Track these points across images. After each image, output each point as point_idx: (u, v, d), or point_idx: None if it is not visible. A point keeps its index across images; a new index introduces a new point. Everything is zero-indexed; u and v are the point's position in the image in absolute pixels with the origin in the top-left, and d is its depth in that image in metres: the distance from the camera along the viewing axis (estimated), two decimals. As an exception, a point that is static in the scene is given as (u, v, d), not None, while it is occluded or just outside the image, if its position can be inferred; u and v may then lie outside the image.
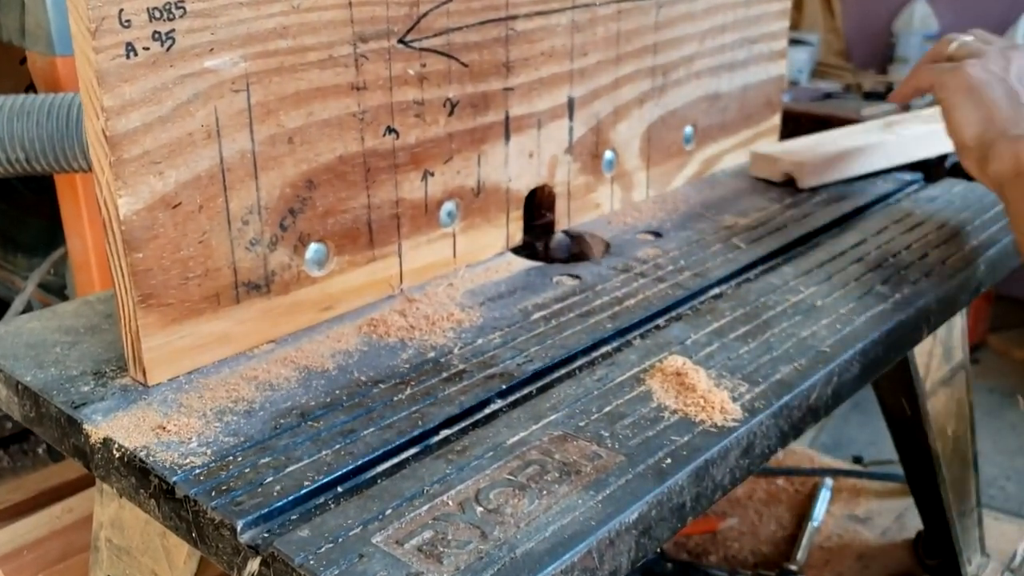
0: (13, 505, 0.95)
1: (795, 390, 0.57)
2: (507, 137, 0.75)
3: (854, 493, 1.14)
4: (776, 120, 1.04)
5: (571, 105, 0.80)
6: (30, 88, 1.11)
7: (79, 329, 0.65)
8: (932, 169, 0.96)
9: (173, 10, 0.53)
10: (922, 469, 0.95)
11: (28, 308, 1.23)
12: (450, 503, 0.47)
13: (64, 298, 1.22)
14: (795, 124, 1.08)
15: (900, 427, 0.96)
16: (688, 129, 0.92)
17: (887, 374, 0.91)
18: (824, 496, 1.12)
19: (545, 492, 0.47)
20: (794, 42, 3.08)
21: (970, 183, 0.93)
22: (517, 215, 0.78)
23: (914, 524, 1.08)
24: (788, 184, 0.93)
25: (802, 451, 1.24)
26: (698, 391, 0.55)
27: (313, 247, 0.64)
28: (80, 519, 0.94)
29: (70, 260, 1.15)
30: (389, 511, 0.46)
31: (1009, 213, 0.70)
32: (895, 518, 1.10)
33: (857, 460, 1.30)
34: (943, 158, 0.96)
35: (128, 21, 0.51)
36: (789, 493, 1.14)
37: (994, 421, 2.68)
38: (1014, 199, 0.69)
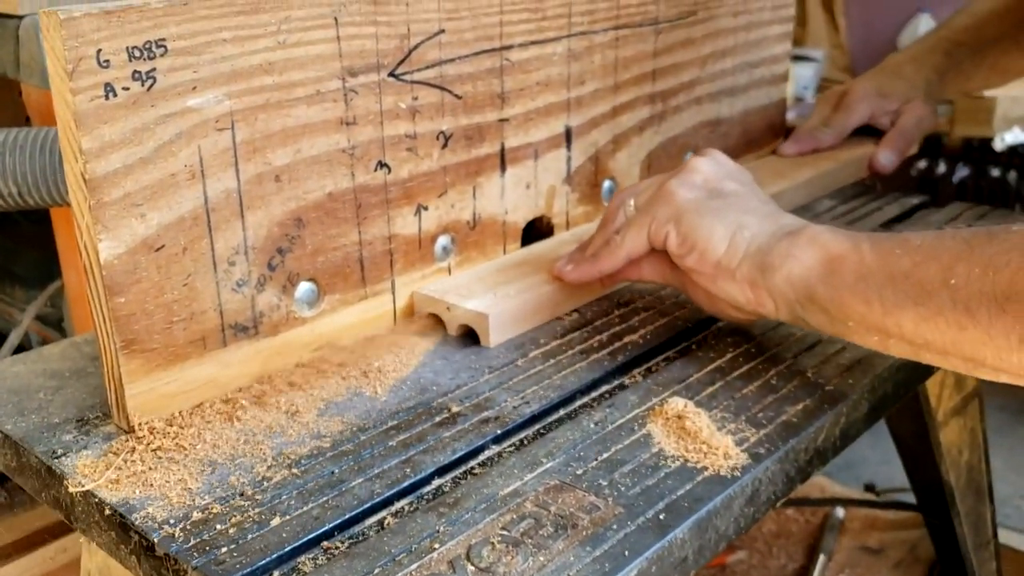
0: (7, 545, 0.94)
1: (801, 433, 0.55)
2: (503, 169, 0.73)
3: (867, 523, 1.12)
4: (779, 144, 1.02)
5: (568, 135, 0.78)
6: (29, 120, 1.10)
7: (64, 373, 0.63)
8: (939, 192, 0.94)
9: (154, 49, 0.51)
10: (935, 500, 0.92)
11: (25, 340, 1.22)
12: (440, 561, 0.45)
13: (62, 331, 1.21)
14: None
15: (912, 457, 0.93)
16: (689, 155, 0.90)
17: (898, 404, 0.89)
18: (835, 527, 1.10)
19: (540, 548, 0.45)
20: (799, 58, 3.07)
21: (977, 206, 0.91)
22: (514, 247, 0.76)
23: (929, 555, 1.06)
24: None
25: (812, 480, 1.21)
26: (700, 436, 0.53)
27: (303, 286, 0.62)
28: (74, 559, 0.92)
29: (66, 293, 1.14)
30: (376, 570, 0.44)
31: (832, 315, 0.56)
32: (909, 549, 1.07)
33: (870, 488, 1.28)
34: (949, 176, 0.94)
35: (107, 61, 0.50)
36: (800, 524, 1.12)
37: (1006, 439, 2.65)
38: (832, 294, 0.55)
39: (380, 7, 0.61)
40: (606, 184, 0.83)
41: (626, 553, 0.45)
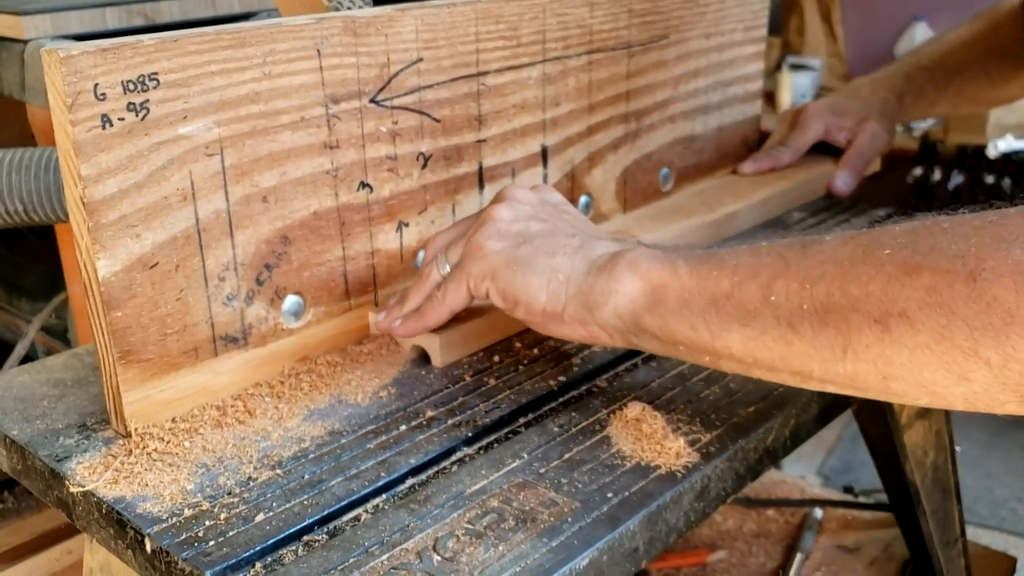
0: (12, 548, 0.98)
1: (751, 433, 0.59)
2: (481, 186, 0.78)
3: (844, 523, 1.15)
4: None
5: (545, 153, 0.82)
6: (34, 139, 1.15)
7: (67, 382, 0.67)
8: (934, 198, 0.97)
9: (147, 82, 0.56)
10: (904, 500, 0.96)
11: (32, 352, 1.26)
12: (409, 552, 0.49)
13: (67, 342, 1.25)
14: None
15: (882, 458, 0.97)
16: (664, 171, 0.95)
17: (865, 406, 0.92)
18: (813, 527, 1.13)
19: (500, 540, 0.49)
20: (797, 67, 3.12)
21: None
22: (494, 261, 0.80)
23: (903, 554, 1.09)
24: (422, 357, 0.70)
25: (793, 481, 1.25)
26: (655, 438, 0.57)
27: (289, 300, 0.66)
28: (78, 560, 0.96)
29: (71, 305, 1.18)
30: (350, 561, 0.48)
31: (663, 341, 0.56)
32: (883, 548, 1.11)
33: (848, 489, 1.32)
34: (944, 183, 0.97)
35: (103, 94, 0.54)
36: (779, 524, 1.15)
37: (1004, 442, 2.68)
38: (659, 322, 0.55)
39: (360, 38, 0.66)
40: (582, 200, 0.87)
41: (580, 544, 0.49)
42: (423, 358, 0.69)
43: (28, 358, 1.23)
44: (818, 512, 1.16)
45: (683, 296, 0.54)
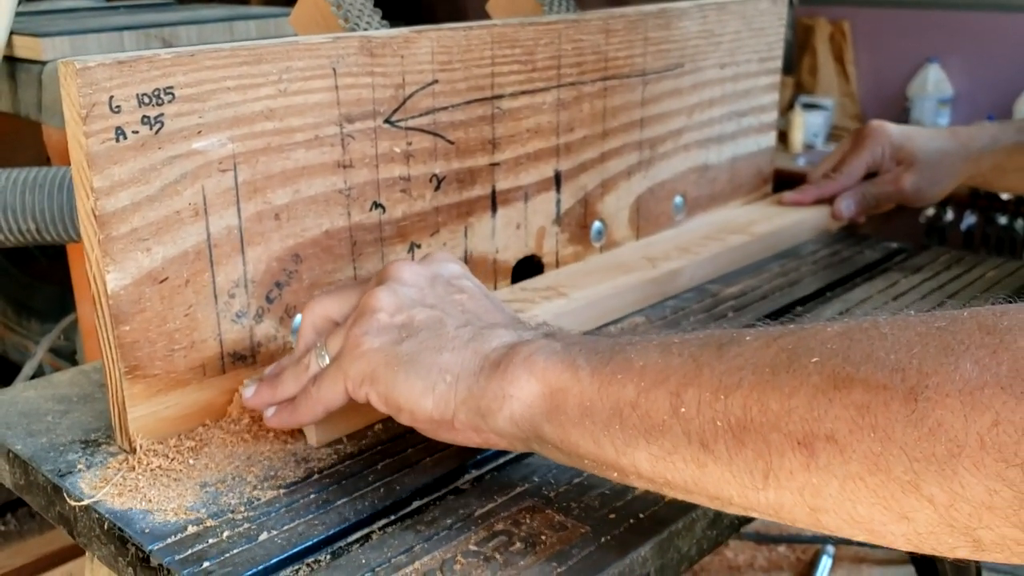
0: (14, 570, 0.97)
1: (765, 461, 0.58)
2: (494, 210, 0.77)
3: (856, 560, 1.14)
4: (767, 190, 1.06)
5: (558, 178, 0.82)
6: (49, 160, 1.15)
7: (72, 398, 0.67)
8: (947, 238, 0.96)
9: (162, 95, 0.56)
10: (919, 538, 0.94)
11: (39, 372, 1.26)
12: (415, 573, 0.48)
13: (75, 363, 1.25)
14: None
15: (896, 495, 0.95)
16: (678, 199, 0.94)
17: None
18: (825, 564, 1.11)
19: (508, 564, 0.48)
20: (810, 106, 3.13)
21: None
22: (505, 284, 0.80)
23: (916, 594, 1.07)
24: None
25: (804, 518, 1.23)
26: (667, 462, 0.56)
27: (299, 318, 0.66)
28: (79, 583, 0.95)
29: (80, 326, 1.18)
30: (354, 581, 0.47)
31: (567, 452, 0.49)
32: (897, 587, 1.09)
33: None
34: (957, 223, 0.95)
35: (118, 107, 0.54)
36: (790, 561, 1.14)
37: (1017, 486, 2.64)
38: (559, 433, 0.48)
39: (376, 59, 0.66)
40: (595, 226, 0.87)
41: (588, 569, 0.48)
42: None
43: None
44: (831, 548, 1.14)
45: (584, 404, 0.47)
